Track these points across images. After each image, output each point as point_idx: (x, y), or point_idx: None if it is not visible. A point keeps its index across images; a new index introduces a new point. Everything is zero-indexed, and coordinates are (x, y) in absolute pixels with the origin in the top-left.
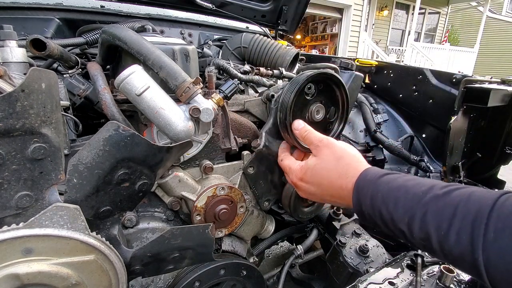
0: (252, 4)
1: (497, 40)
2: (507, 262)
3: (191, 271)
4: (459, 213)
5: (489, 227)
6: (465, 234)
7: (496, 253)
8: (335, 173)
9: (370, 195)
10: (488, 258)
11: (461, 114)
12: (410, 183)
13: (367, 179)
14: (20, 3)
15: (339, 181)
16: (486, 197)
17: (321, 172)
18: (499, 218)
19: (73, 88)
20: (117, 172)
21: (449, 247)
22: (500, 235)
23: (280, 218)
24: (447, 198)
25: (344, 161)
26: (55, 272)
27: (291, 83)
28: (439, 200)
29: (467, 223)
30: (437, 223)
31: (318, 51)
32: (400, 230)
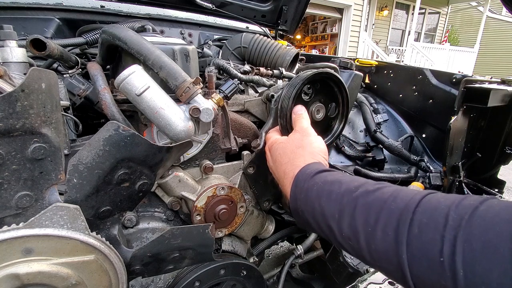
0: (252, 4)
1: (497, 40)
2: (431, 259)
3: (191, 271)
4: (386, 208)
5: (414, 221)
6: (391, 230)
7: (419, 248)
8: (286, 158)
9: (306, 189)
10: (412, 253)
11: (461, 114)
12: (345, 179)
13: (306, 172)
14: (20, 3)
15: (286, 166)
16: (414, 194)
17: (280, 150)
18: (424, 213)
19: (73, 88)
20: (117, 172)
21: (375, 245)
22: (425, 230)
23: (280, 218)
24: (377, 193)
25: (301, 150)
26: (55, 272)
27: (288, 87)
28: (369, 195)
29: (394, 218)
30: (365, 219)
31: (318, 51)
32: (329, 227)
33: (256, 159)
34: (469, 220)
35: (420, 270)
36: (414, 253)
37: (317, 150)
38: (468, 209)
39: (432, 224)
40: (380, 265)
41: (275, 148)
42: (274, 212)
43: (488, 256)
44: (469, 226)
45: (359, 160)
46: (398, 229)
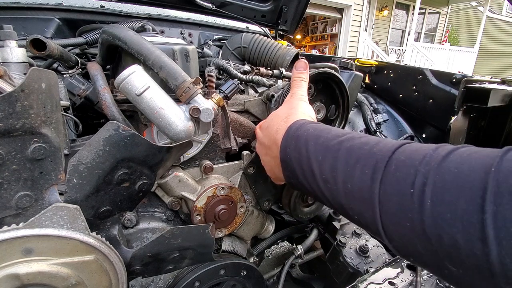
0: (252, 4)
1: (497, 40)
2: (402, 193)
3: (191, 271)
4: (368, 150)
5: (392, 160)
6: (368, 168)
7: (392, 183)
8: (280, 119)
9: (296, 136)
10: (385, 190)
11: (461, 114)
12: (335, 128)
13: (299, 123)
14: (20, 3)
15: (280, 124)
16: (396, 141)
17: (273, 116)
18: (403, 153)
19: (73, 88)
20: (117, 172)
21: (352, 184)
22: (401, 166)
23: (280, 218)
24: (363, 139)
25: (293, 110)
26: (55, 272)
27: (289, 86)
28: (354, 140)
29: (373, 158)
30: (346, 160)
31: (318, 51)
32: (311, 172)
33: (256, 159)
34: (446, 156)
35: (390, 205)
36: (387, 189)
37: (308, 111)
38: (447, 150)
39: (408, 161)
40: (353, 207)
41: (266, 120)
42: (274, 212)
43: (458, 184)
44: (444, 161)
45: None
46: (376, 167)
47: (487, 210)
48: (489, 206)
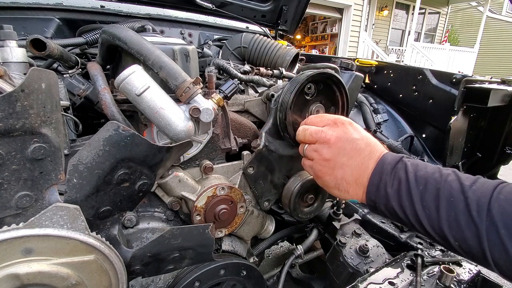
0: (252, 4)
1: (497, 40)
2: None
3: (191, 271)
4: (468, 190)
5: (493, 199)
6: (472, 201)
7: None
8: (365, 139)
9: (394, 165)
10: (491, 223)
11: (461, 114)
12: (430, 164)
13: (393, 154)
14: (20, 3)
15: (377, 145)
16: (490, 182)
17: (356, 129)
18: (501, 192)
19: (73, 88)
20: (117, 172)
21: (456, 214)
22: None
23: (280, 218)
24: (461, 176)
25: (370, 136)
26: (55, 272)
27: (291, 83)
28: (452, 176)
29: (475, 196)
30: (449, 191)
31: (318, 51)
32: (410, 198)
33: (256, 159)
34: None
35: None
36: (493, 222)
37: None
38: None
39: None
40: (456, 234)
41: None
42: (274, 212)
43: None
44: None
45: None
46: (479, 203)
47: None
48: None
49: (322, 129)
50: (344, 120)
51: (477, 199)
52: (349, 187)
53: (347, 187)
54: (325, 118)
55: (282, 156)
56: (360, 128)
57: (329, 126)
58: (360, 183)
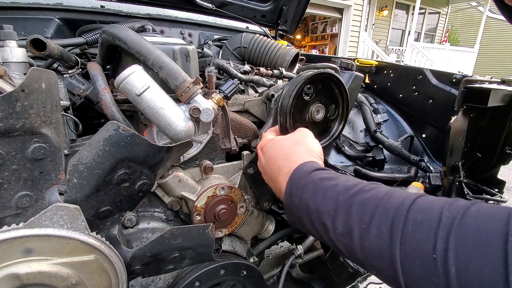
0: (252, 4)
1: (497, 40)
2: (424, 256)
3: (191, 271)
4: (381, 206)
5: (408, 220)
6: (385, 227)
7: (413, 245)
8: (283, 153)
9: (302, 185)
10: (405, 251)
11: (461, 114)
12: (341, 178)
13: (303, 169)
14: (20, 3)
15: (282, 162)
16: (408, 194)
17: (277, 146)
18: (418, 212)
19: (73, 88)
20: (117, 172)
21: (369, 242)
22: (419, 227)
23: (280, 218)
24: (372, 192)
25: (299, 147)
26: (55, 272)
27: (289, 86)
28: (364, 193)
29: (388, 216)
30: (360, 216)
31: (318, 51)
32: (323, 224)
33: (256, 159)
34: (462, 219)
35: (412, 268)
36: (407, 251)
37: (314, 149)
38: (460, 209)
39: (426, 222)
40: (372, 263)
41: (270, 145)
42: (274, 212)
43: (480, 253)
44: (461, 224)
45: (359, 160)
46: (393, 227)
47: (511, 282)
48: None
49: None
50: (258, 148)
51: (391, 222)
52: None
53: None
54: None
55: None
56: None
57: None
58: (279, 191)
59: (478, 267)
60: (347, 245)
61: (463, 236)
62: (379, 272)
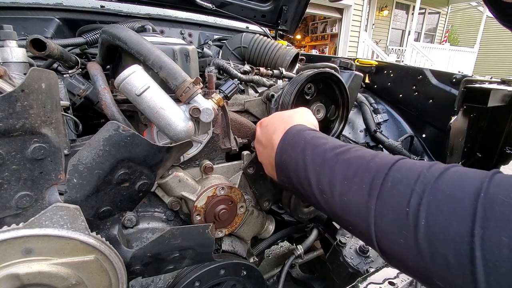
0: (252, 4)
1: (497, 40)
2: (397, 211)
3: (191, 271)
4: (365, 165)
5: (388, 176)
6: (365, 183)
7: (388, 200)
8: (279, 119)
9: (293, 142)
10: (381, 205)
11: (461, 114)
12: (331, 139)
13: (296, 128)
14: (20, 3)
15: (278, 125)
16: (391, 157)
17: (275, 116)
18: (398, 170)
19: (73, 88)
20: (117, 172)
21: (348, 197)
22: (397, 184)
23: (280, 218)
24: (359, 152)
25: (296, 114)
26: (55, 272)
27: (290, 84)
28: (351, 152)
29: (370, 173)
30: (343, 173)
31: (318, 51)
32: (308, 180)
33: (256, 159)
34: (439, 178)
35: (385, 222)
36: (383, 205)
37: (311, 120)
38: (439, 169)
39: (404, 180)
40: (348, 219)
41: (269, 117)
42: (274, 212)
43: (451, 207)
44: (438, 182)
45: None
46: (373, 182)
47: (476, 234)
48: (478, 229)
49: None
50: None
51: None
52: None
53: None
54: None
55: None
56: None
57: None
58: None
59: (447, 220)
60: (327, 201)
61: (437, 193)
62: (354, 228)
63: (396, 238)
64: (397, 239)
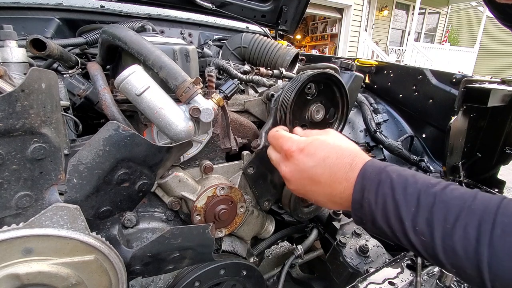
0: (252, 4)
1: (497, 40)
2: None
3: (191, 271)
4: (467, 208)
5: (496, 223)
6: (472, 229)
7: (502, 249)
8: (346, 151)
9: (377, 180)
10: (495, 253)
11: (461, 114)
12: (420, 175)
13: (375, 165)
14: (20, 3)
15: (348, 159)
16: (491, 197)
17: (331, 145)
18: (505, 215)
19: (73, 88)
20: (117, 172)
21: (453, 242)
22: (508, 231)
23: (280, 218)
24: (456, 193)
25: (353, 145)
26: (55, 272)
27: (291, 83)
28: (447, 193)
29: (475, 218)
30: (444, 216)
31: (318, 51)
32: (400, 220)
33: (256, 159)
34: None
35: (502, 270)
36: (497, 254)
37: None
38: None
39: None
40: (453, 263)
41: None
42: (274, 212)
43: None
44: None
45: None
46: (480, 229)
47: None
48: None
49: (278, 162)
50: (294, 150)
51: (477, 224)
52: (332, 206)
53: (329, 205)
54: (279, 144)
55: None
56: (313, 149)
57: (282, 159)
58: (336, 203)
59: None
60: (425, 243)
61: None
62: (459, 271)
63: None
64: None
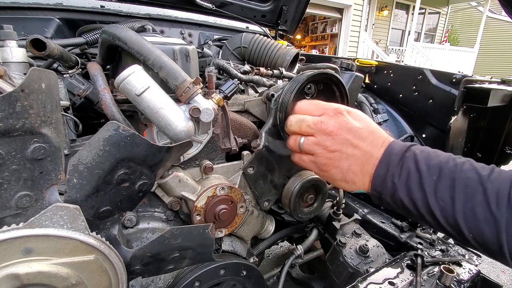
0: (252, 4)
1: (497, 40)
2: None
3: (191, 271)
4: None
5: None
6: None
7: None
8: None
9: (402, 156)
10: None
11: (461, 114)
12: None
13: (400, 143)
14: (20, 3)
15: (382, 133)
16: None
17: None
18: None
19: (73, 88)
20: (117, 172)
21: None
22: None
23: (280, 218)
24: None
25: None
26: (55, 272)
27: (291, 83)
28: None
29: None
30: (465, 182)
31: (318, 51)
32: (422, 189)
33: (256, 159)
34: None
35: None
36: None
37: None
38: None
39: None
40: (472, 227)
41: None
42: (274, 212)
43: None
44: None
45: None
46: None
47: None
48: None
49: (321, 120)
50: (343, 109)
51: (496, 190)
52: (355, 178)
53: (353, 178)
54: (321, 106)
55: (282, 156)
56: (360, 115)
57: (328, 116)
58: (366, 173)
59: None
60: (445, 209)
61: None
62: (477, 236)
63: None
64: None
